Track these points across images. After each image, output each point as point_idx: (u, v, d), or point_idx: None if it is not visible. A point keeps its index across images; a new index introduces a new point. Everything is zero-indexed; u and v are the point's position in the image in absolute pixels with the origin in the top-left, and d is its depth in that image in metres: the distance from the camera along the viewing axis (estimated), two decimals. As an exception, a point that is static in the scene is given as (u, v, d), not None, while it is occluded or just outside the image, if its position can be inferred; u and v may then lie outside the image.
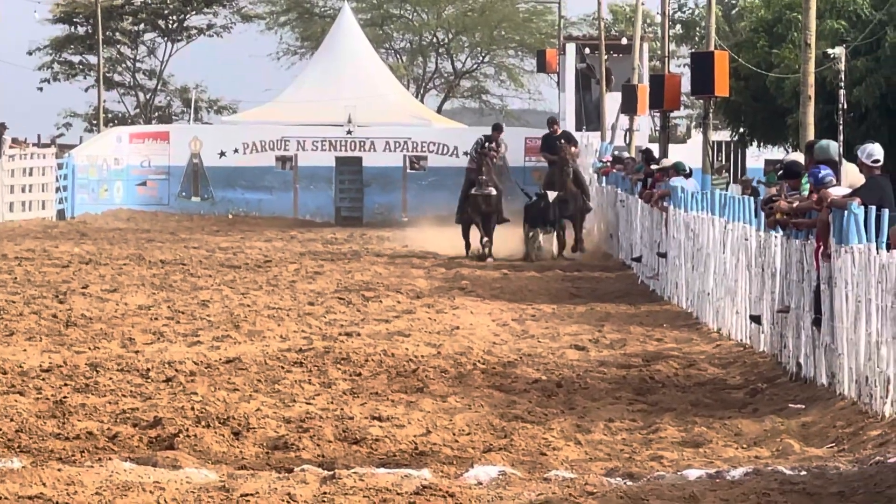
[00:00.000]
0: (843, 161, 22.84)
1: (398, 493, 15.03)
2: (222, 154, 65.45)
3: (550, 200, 42.56)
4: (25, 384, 21.14)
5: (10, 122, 61.99)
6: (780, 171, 25.07)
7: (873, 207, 19.70)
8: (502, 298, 33.31)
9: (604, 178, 46.19)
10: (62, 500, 14.51)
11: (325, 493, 15.05)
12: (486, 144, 43.74)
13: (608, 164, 46.40)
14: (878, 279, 18.97)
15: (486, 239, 43.14)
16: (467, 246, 43.68)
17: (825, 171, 21.40)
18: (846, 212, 20.17)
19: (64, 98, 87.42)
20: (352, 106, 65.42)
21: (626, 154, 46.82)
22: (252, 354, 24.25)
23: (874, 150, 21.11)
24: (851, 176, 21.92)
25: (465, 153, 65.81)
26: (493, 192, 43.18)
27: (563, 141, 43.91)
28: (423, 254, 44.70)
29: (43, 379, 21.59)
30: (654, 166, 37.69)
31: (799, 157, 24.62)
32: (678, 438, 18.23)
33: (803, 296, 22.00)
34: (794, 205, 22.69)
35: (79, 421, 18.56)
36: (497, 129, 45.66)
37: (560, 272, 38.98)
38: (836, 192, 20.97)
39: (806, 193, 22.75)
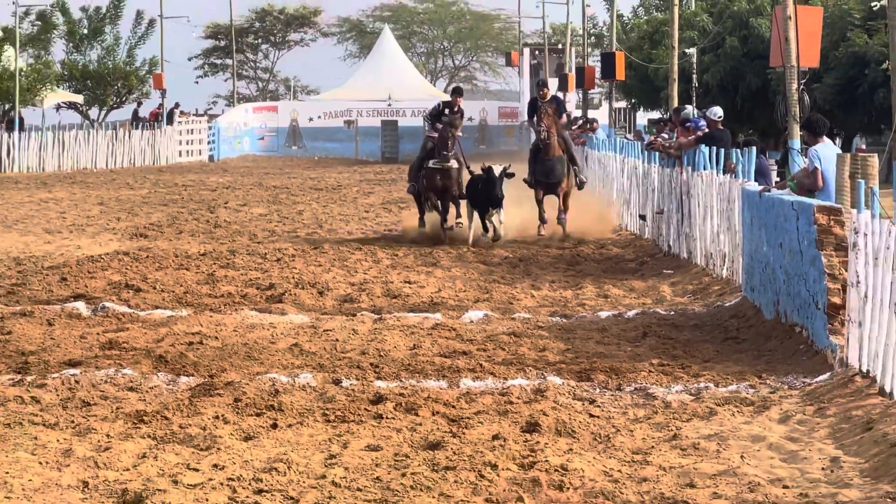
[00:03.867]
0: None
1: (421, 328, 15.03)
2: (311, 119, 65.70)
3: (496, 174, 23.61)
4: (189, 263, 21.16)
5: (180, 102, 62.22)
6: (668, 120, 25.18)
7: (714, 148, 19.65)
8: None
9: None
10: (212, 334, 14.52)
11: (376, 328, 15.06)
12: (447, 111, 24.57)
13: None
14: (717, 192, 18.94)
15: (446, 224, 24.15)
16: (422, 217, 24.92)
17: (702, 124, 21.37)
18: (699, 150, 20.12)
19: (212, 86, 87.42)
20: (391, 88, 65.65)
21: None
22: (330, 243, 24.22)
23: (718, 111, 21.12)
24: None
25: (470, 118, 66.54)
26: (454, 164, 24.13)
27: (549, 109, 24.92)
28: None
29: (200, 260, 21.61)
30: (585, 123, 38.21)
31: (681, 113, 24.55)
32: (594, 293, 18.22)
33: (672, 203, 21.95)
34: (668, 144, 22.69)
35: (223, 286, 18.58)
36: (457, 92, 25.40)
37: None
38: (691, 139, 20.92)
39: (673, 137, 22.75)
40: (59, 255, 22.48)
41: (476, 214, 23.99)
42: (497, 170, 23.66)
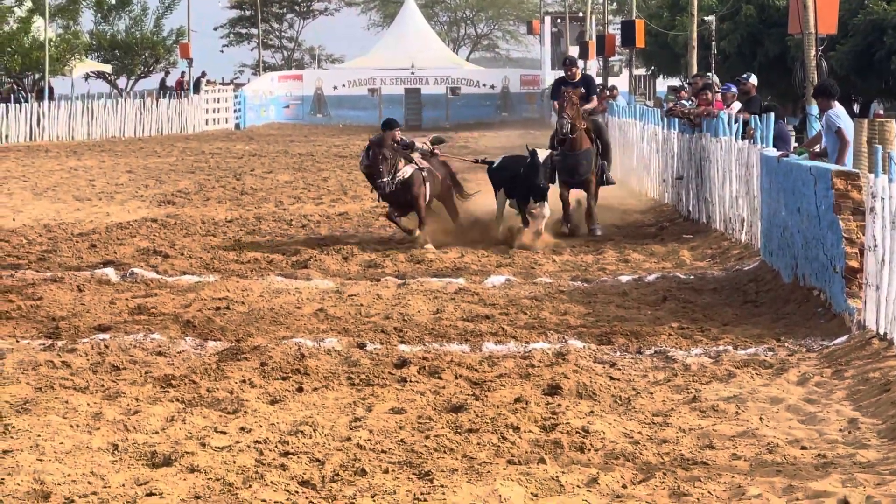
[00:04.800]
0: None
1: (444, 293, 15.03)
2: (335, 87, 65.62)
3: (540, 160, 19.03)
4: (216, 230, 21.18)
5: (206, 71, 62.19)
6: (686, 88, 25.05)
7: (740, 116, 19.59)
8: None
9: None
10: (239, 299, 14.54)
11: (399, 293, 15.05)
12: (384, 151, 18.86)
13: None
14: (736, 158, 18.87)
15: (411, 232, 19.36)
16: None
17: (734, 90, 21.24)
18: (717, 117, 20.06)
19: (237, 55, 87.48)
20: (414, 56, 65.55)
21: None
22: (354, 210, 24.21)
23: (754, 79, 21.16)
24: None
25: (485, 85, 66.39)
26: (407, 173, 19.16)
27: (573, 96, 19.94)
28: (460, 147, 44.51)
29: (227, 227, 21.63)
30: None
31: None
32: (615, 257, 18.18)
33: (691, 168, 21.87)
34: (686, 110, 22.59)
35: (249, 251, 18.60)
36: (387, 125, 19.49)
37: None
38: (735, 105, 20.76)
39: (688, 104, 22.66)
40: (89, 222, 22.52)
41: (509, 206, 19.88)
42: (542, 154, 19.10)
